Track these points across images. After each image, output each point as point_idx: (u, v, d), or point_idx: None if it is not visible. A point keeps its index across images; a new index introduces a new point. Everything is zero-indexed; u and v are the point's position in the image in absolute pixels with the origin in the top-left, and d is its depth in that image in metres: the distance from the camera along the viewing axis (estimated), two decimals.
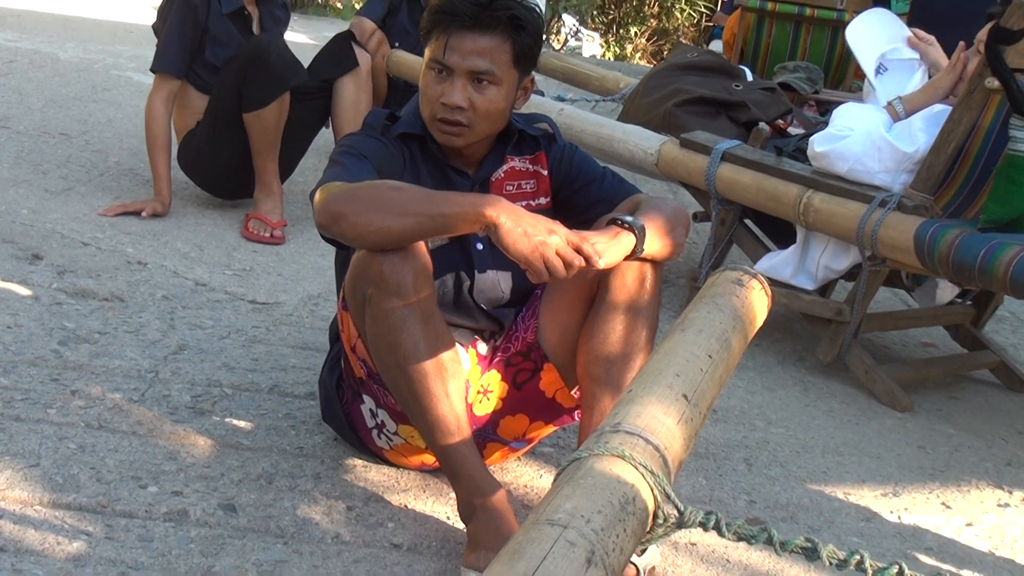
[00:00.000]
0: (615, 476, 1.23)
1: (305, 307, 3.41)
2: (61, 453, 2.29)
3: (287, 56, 3.99)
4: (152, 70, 4.15)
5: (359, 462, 2.46)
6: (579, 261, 1.95)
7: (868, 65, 3.70)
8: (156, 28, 4.19)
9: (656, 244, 2.14)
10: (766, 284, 2.09)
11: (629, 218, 2.10)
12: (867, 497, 2.74)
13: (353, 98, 4.23)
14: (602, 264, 1.99)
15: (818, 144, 3.40)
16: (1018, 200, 3.13)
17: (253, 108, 3.94)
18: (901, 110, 3.42)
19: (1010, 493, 2.90)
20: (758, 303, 1.98)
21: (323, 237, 2.10)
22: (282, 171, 4.24)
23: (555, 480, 1.27)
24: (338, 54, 4.30)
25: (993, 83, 3.09)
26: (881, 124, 3.33)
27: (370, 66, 4.38)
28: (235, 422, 2.56)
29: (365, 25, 5.16)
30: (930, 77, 3.62)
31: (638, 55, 18.09)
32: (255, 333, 3.13)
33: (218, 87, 4.07)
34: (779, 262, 3.63)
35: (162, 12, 4.17)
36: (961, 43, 3.40)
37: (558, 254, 1.93)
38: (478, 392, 2.35)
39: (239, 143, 4.08)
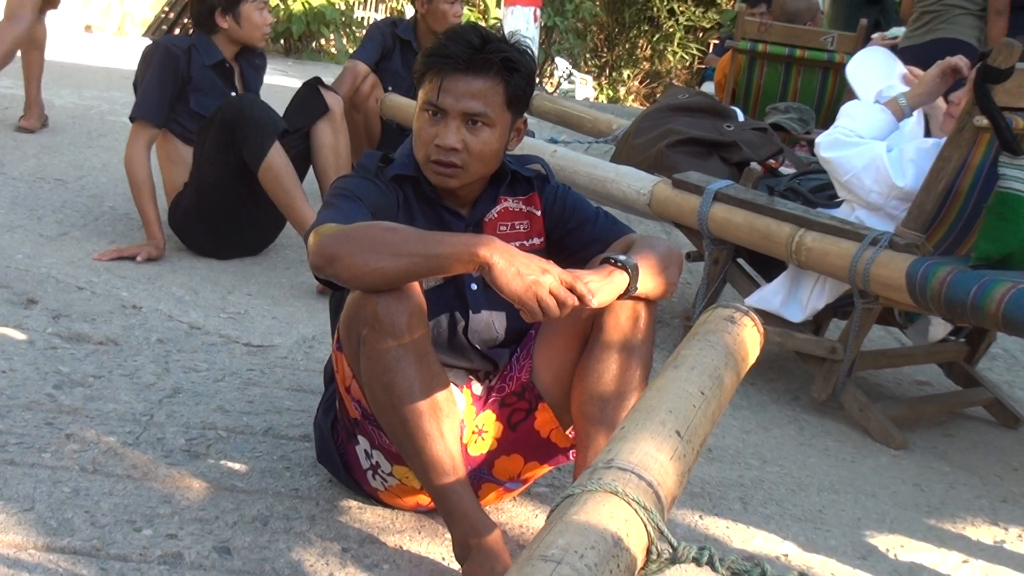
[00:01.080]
0: (608, 512, 1.24)
1: (300, 349, 3.42)
2: (55, 497, 2.28)
3: (265, 107, 4.04)
4: (131, 118, 4.19)
5: (354, 504, 2.45)
6: (572, 300, 1.96)
7: (866, 100, 3.74)
8: (136, 82, 4.25)
9: (649, 283, 2.15)
10: (758, 321, 2.10)
11: (622, 257, 2.12)
12: (863, 535, 2.73)
13: (331, 142, 4.23)
14: (595, 303, 2.00)
15: (824, 149, 3.44)
16: (1009, 237, 3.15)
17: (258, 160, 3.93)
18: (905, 105, 3.47)
19: (1006, 530, 2.90)
20: (750, 340, 1.99)
21: (317, 279, 2.11)
22: (276, 223, 4.26)
23: (549, 516, 1.28)
24: (308, 102, 4.31)
25: (982, 121, 3.11)
26: (884, 148, 3.36)
27: (342, 107, 4.38)
28: (230, 465, 2.55)
29: (359, 68, 5.19)
30: (924, 115, 3.68)
31: (631, 97, 18.23)
32: (250, 376, 3.14)
33: (198, 152, 4.10)
34: (768, 292, 3.64)
35: (142, 65, 4.23)
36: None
37: (552, 293, 1.94)
38: (473, 432, 2.35)
39: (226, 207, 4.12)
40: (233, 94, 4.25)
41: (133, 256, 4.02)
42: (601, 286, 2.03)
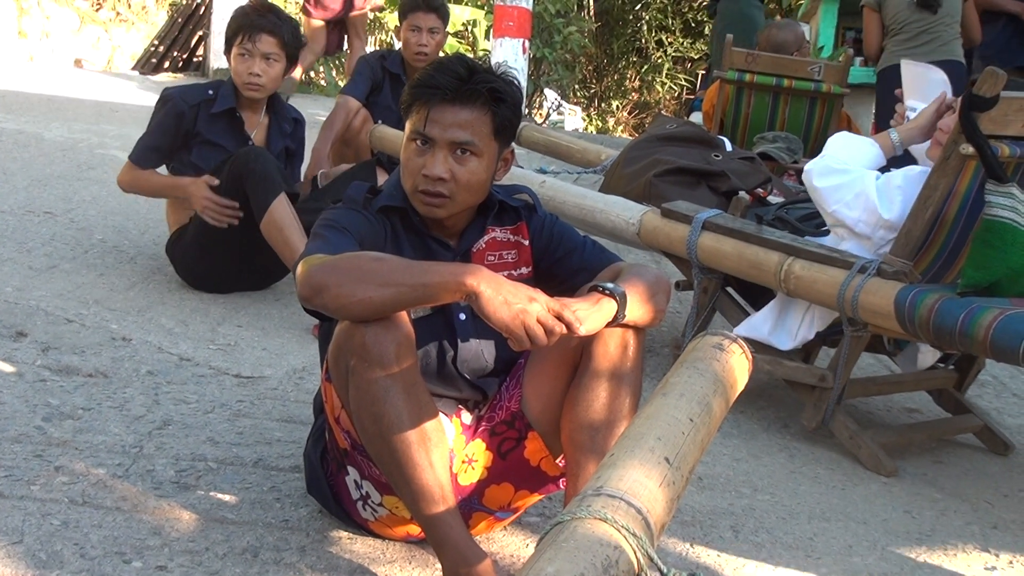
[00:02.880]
0: (597, 539, 1.24)
1: (290, 380, 3.41)
2: (45, 529, 2.28)
3: (271, 162, 3.99)
4: (129, 156, 4.25)
5: (344, 534, 2.45)
6: (560, 328, 1.96)
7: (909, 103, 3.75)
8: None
9: (638, 310, 2.16)
10: (747, 348, 2.11)
11: (610, 285, 2.13)
12: (854, 562, 2.73)
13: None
14: (583, 331, 2.01)
15: (815, 177, 3.44)
16: (996, 264, 3.16)
17: (261, 213, 3.90)
18: (897, 141, 3.49)
19: (997, 556, 2.90)
20: (739, 367, 1.99)
21: (305, 309, 2.12)
22: (278, 269, 4.25)
23: (538, 544, 1.28)
24: (364, 178, 4.29)
25: (968, 149, 3.13)
26: (872, 178, 3.37)
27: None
28: (220, 496, 2.55)
29: (351, 104, 5.23)
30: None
31: (620, 128, 18.29)
32: (240, 407, 3.13)
33: None
34: (757, 321, 3.66)
35: (154, 111, 4.26)
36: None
37: (539, 321, 1.94)
38: (463, 462, 2.35)
39: (228, 251, 4.12)
40: (250, 143, 4.24)
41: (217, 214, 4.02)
42: (589, 314, 2.04)
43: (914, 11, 6.16)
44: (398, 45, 6.26)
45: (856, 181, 3.38)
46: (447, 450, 2.19)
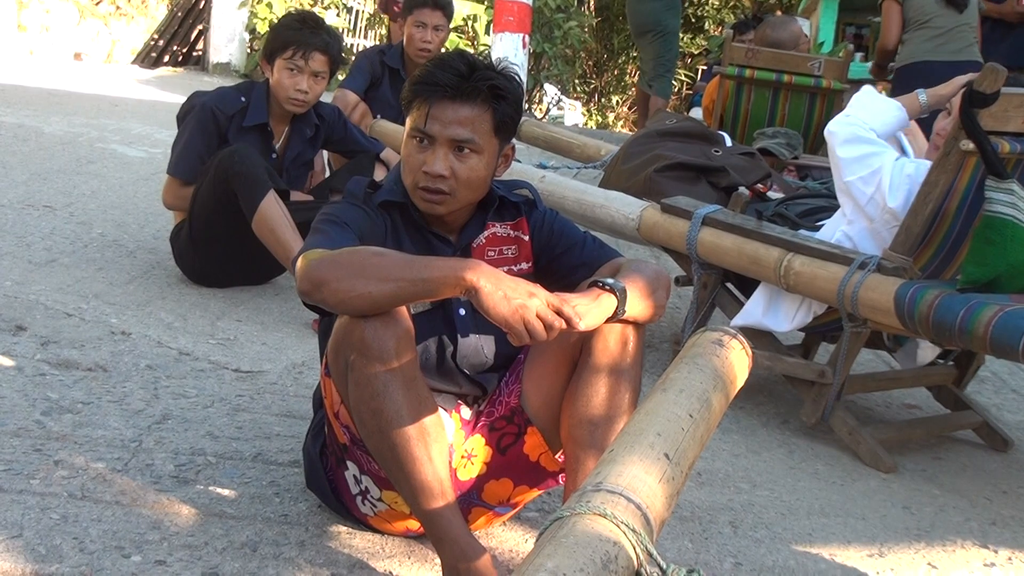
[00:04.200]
0: (597, 534, 1.24)
1: (289, 375, 3.41)
2: (44, 523, 2.27)
3: (257, 161, 3.94)
4: (167, 171, 4.21)
5: (343, 529, 2.45)
6: (559, 323, 1.96)
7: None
8: (175, 142, 4.26)
9: (638, 306, 2.16)
10: (746, 344, 2.11)
11: (610, 280, 2.13)
12: (853, 558, 2.73)
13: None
14: (583, 326, 2.01)
15: (839, 144, 3.44)
16: (995, 260, 3.17)
17: (251, 213, 3.86)
18: (924, 102, 3.50)
19: (996, 552, 2.90)
20: (738, 363, 1.99)
21: (305, 304, 2.12)
22: (275, 264, 4.22)
23: (538, 539, 1.28)
24: (362, 171, 4.26)
25: (968, 145, 3.14)
26: (892, 159, 3.37)
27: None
28: (219, 490, 2.55)
29: (349, 98, 5.23)
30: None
31: (620, 123, 18.29)
32: (239, 402, 3.13)
33: (194, 198, 4.08)
34: (750, 307, 3.66)
35: (183, 116, 4.24)
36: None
37: (538, 316, 1.94)
38: (462, 457, 2.35)
39: (221, 249, 4.12)
40: (273, 156, 4.22)
41: None
42: (589, 309, 2.04)
43: (941, 7, 6.13)
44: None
45: (876, 157, 3.37)
46: (446, 445, 2.19)
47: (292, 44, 4.09)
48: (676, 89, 19.03)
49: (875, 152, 3.39)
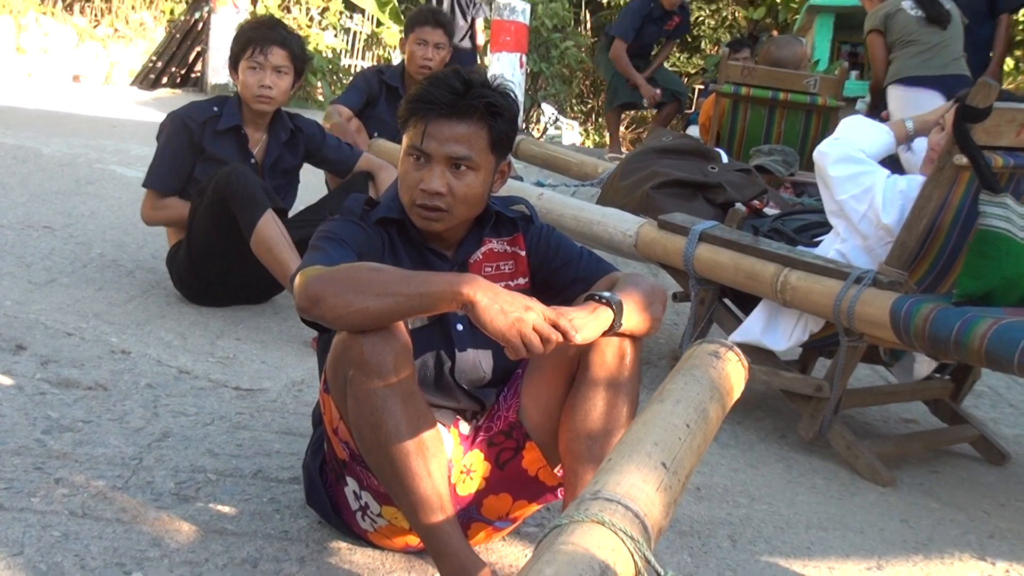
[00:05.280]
0: (596, 542, 1.25)
1: (289, 393, 3.42)
2: (45, 541, 2.28)
3: (253, 180, 3.95)
4: (143, 185, 4.25)
5: (344, 545, 2.45)
6: (556, 336, 1.98)
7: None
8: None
9: (634, 319, 2.17)
10: (742, 356, 2.12)
11: (606, 294, 2.14)
12: (851, 572, 2.74)
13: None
14: (579, 339, 2.02)
15: (831, 164, 3.45)
16: (990, 274, 3.18)
17: (249, 232, 3.88)
18: (911, 128, 3.52)
19: (993, 565, 2.91)
20: (735, 374, 2.01)
21: (304, 320, 2.13)
22: (273, 283, 4.20)
23: (537, 547, 1.29)
24: (356, 189, 4.28)
25: (962, 160, 3.16)
26: (883, 177, 3.39)
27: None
28: (219, 508, 2.55)
29: (342, 111, 5.26)
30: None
31: None
32: (239, 419, 3.14)
33: (192, 216, 4.09)
34: (749, 324, 3.67)
35: (157, 138, 4.26)
36: None
37: (535, 330, 1.96)
38: (461, 472, 2.36)
39: (219, 269, 4.13)
40: (252, 161, 4.25)
41: None
42: (585, 322, 2.05)
43: (924, 25, 6.20)
44: (396, 60, 6.29)
45: (868, 175, 3.40)
46: (445, 460, 2.20)
47: (251, 43, 4.17)
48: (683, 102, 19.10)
49: (866, 171, 3.42)
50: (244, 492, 2.66)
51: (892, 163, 3.75)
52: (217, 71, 11.75)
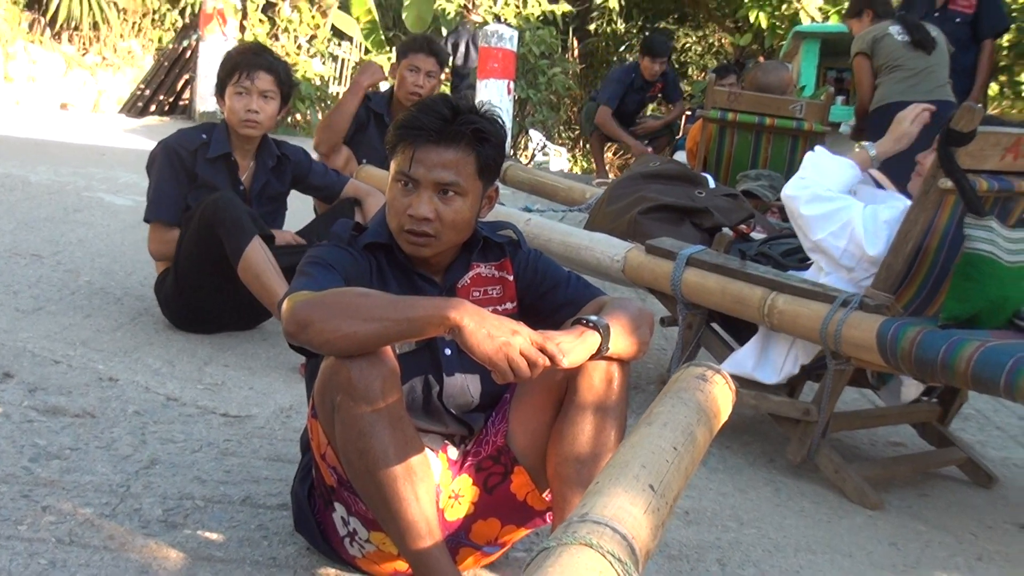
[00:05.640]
0: (583, 564, 1.25)
1: (277, 419, 3.42)
2: (32, 569, 2.27)
3: (241, 207, 3.96)
4: (145, 220, 4.24)
5: (332, 571, 2.45)
6: (543, 360, 1.98)
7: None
8: (148, 191, 4.27)
9: (621, 343, 2.18)
10: (729, 379, 2.13)
11: (594, 318, 2.15)
12: None
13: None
14: (566, 363, 2.03)
15: (802, 205, 3.47)
16: (976, 297, 3.20)
17: (236, 259, 3.87)
18: (874, 154, 3.53)
19: None
20: (722, 397, 2.01)
21: (291, 346, 2.13)
22: (261, 310, 4.19)
23: (525, 570, 1.29)
24: (342, 215, 4.28)
25: (947, 184, 3.18)
26: (859, 209, 3.41)
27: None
28: (207, 534, 2.55)
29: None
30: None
31: (606, 168, 18.31)
32: (227, 446, 3.14)
33: (179, 244, 4.10)
34: (741, 356, 3.68)
35: (148, 166, 4.25)
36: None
37: (522, 354, 1.96)
38: (449, 497, 2.36)
39: (207, 295, 4.13)
40: (241, 187, 4.25)
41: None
42: (573, 346, 2.06)
43: (910, 51, 6.25)
44: (384, 86, 6.33)
45: (843, 211, 3.41)
46: (433, 485, 2.20)
47: (237, 68, 4.18)
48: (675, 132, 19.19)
49: (841, 207, 3.43)
50: (232, 519, 2.65)
51: None
52: (205, 99, 11.77)
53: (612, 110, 9.46)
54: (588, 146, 18.56)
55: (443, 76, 5.47)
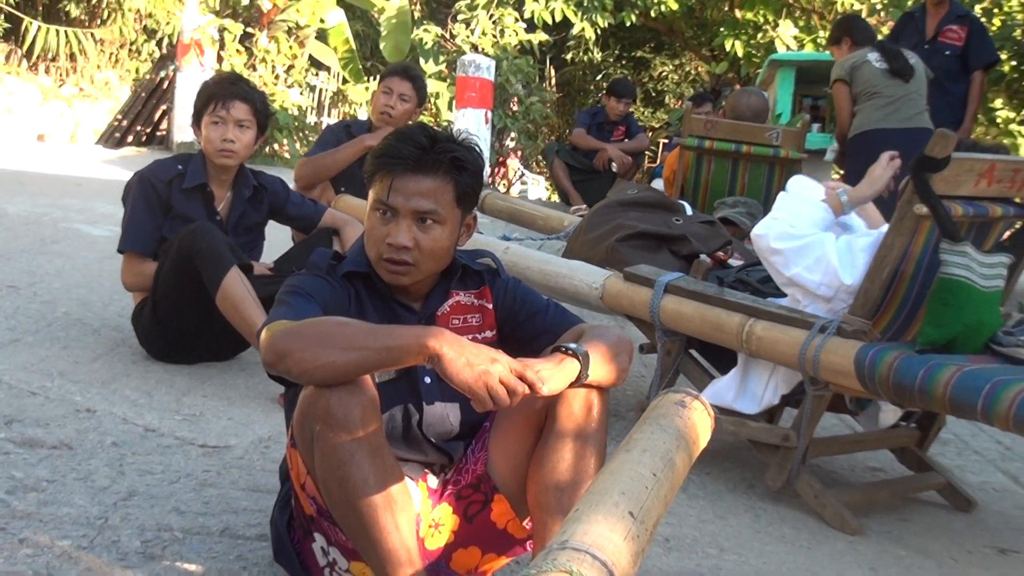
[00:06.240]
0: None
1: (256, 449, 3.40)
2: None
3: (219, 238, 3.95)
4: (119, 250, 4.22)
5: None
6: (523, 388, 1.99)
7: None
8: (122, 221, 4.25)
9: (601, 370, 2.18)
10: (708, 405, 2.13)
11: (573, 345, 2.16)
12: None
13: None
14: (546, 390, 2.03)
15: (773, 241, 3.48)
16: (952, 322, 3.22)
17: (214, 290, 3.86)
18: (846, 201, 3.54)
19: None
20: (701, 423, 2.02)
21: (270, 375, 2.13)
22: (239, 340, 4.18)
23: None
24: (320, 244, 4.27)
25: (922, 210, 3.20)
26: (832, 241, 3.42)
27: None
28: (186, 566, 2.53)
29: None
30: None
31: None
32: (205, 477, 3.12)
33: (157, 274, 4.08)
34: (721, 387, 3.69)
35: (124, 197, 4.24)
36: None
37: (502, 382, 1.97)
38: (429, 526, 2.35)
39: (185, 326, 4.12)
40: (217, 218, 4.24)
41: None
42: (552, 374, 2.06)
43: (887, 78, 6.30)
44: (363, 116, 6.34)
45: (815, 244, 3.43)
46: (413, 514, 2.19)
47: (213, 98, 4.17)
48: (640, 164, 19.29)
49: (812, 242, 3.45)
50: (211, 550, 2.63)
51: None
52: (182, 129, 11.75)
53: (584, 130, 9.74)
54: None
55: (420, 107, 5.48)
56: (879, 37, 7.34)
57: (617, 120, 9.73)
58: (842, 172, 6.98)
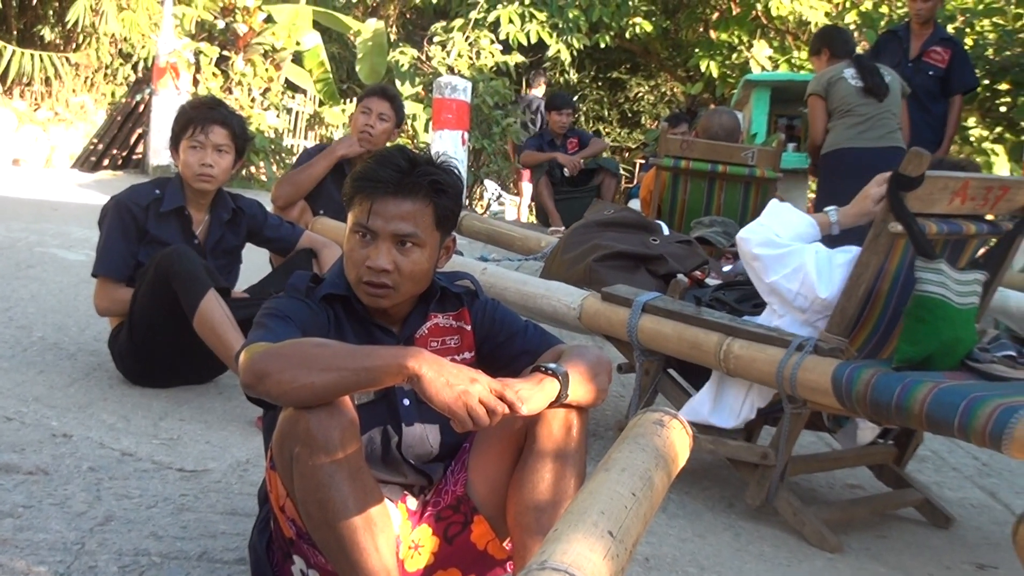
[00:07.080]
0: None
1: (234, 473, 3.39)
2: None
3: (196, 261, 3.95)
4: (92, 274, 4.20)
5: None
6: (502, 408, 1.99)
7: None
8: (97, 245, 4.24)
9: (580, 390, 2.19)
10: (686, 424, 2.14)
11: (552, 365, 2.16)
12: None
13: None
14: (525, 410, 2.03)
15: (755, 246, 3.49)
16: (928, 339, 3.23)
17: (192, 312, 3.86)
18: (835, 220, 3.56)
19: None
20: (679, 441, 2.02)
21: (248, 397, 2.12)
22: (217, 363, 4.15)
23: None
24: (300, 266, 4.27)
25: (897, 228, 3.22)
26: (812, 253, 3.44)
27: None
28: None
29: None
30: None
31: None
32: (183, 501, 3.10)
33: (134, 298, 4.07)
34: (696, 403, 3.70)
35: (100, 221, 4.23)
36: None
37: (481, 402, 1.97)
38: (409, 548, 2.34)
39: (162, 349, 4.10)
40: (196, 241, 4.23)
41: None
42: (532, 394, 2.07)
43: (862, 96, 6.35)
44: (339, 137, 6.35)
45: (796, 254, 3.44)
46: (393, 535, 2.19)
47: (192, 122, 4.17)
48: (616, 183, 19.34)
49: (792, 251, 3.46)
50: (189, 575, 2.62)
51: None
52: (159, 153, 11.73)
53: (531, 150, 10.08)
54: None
55: (398, 128, 5.49)
56: (859, 51, 7.40)
57: (565, 133, 9.93)
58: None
